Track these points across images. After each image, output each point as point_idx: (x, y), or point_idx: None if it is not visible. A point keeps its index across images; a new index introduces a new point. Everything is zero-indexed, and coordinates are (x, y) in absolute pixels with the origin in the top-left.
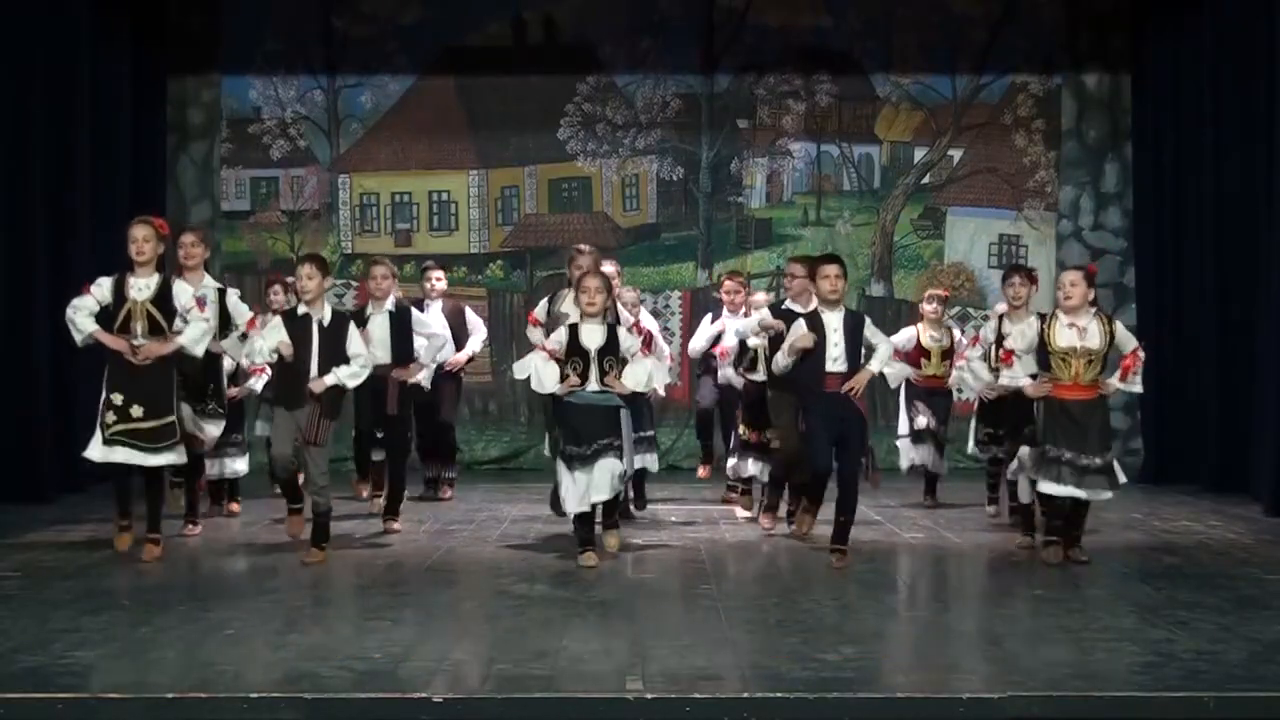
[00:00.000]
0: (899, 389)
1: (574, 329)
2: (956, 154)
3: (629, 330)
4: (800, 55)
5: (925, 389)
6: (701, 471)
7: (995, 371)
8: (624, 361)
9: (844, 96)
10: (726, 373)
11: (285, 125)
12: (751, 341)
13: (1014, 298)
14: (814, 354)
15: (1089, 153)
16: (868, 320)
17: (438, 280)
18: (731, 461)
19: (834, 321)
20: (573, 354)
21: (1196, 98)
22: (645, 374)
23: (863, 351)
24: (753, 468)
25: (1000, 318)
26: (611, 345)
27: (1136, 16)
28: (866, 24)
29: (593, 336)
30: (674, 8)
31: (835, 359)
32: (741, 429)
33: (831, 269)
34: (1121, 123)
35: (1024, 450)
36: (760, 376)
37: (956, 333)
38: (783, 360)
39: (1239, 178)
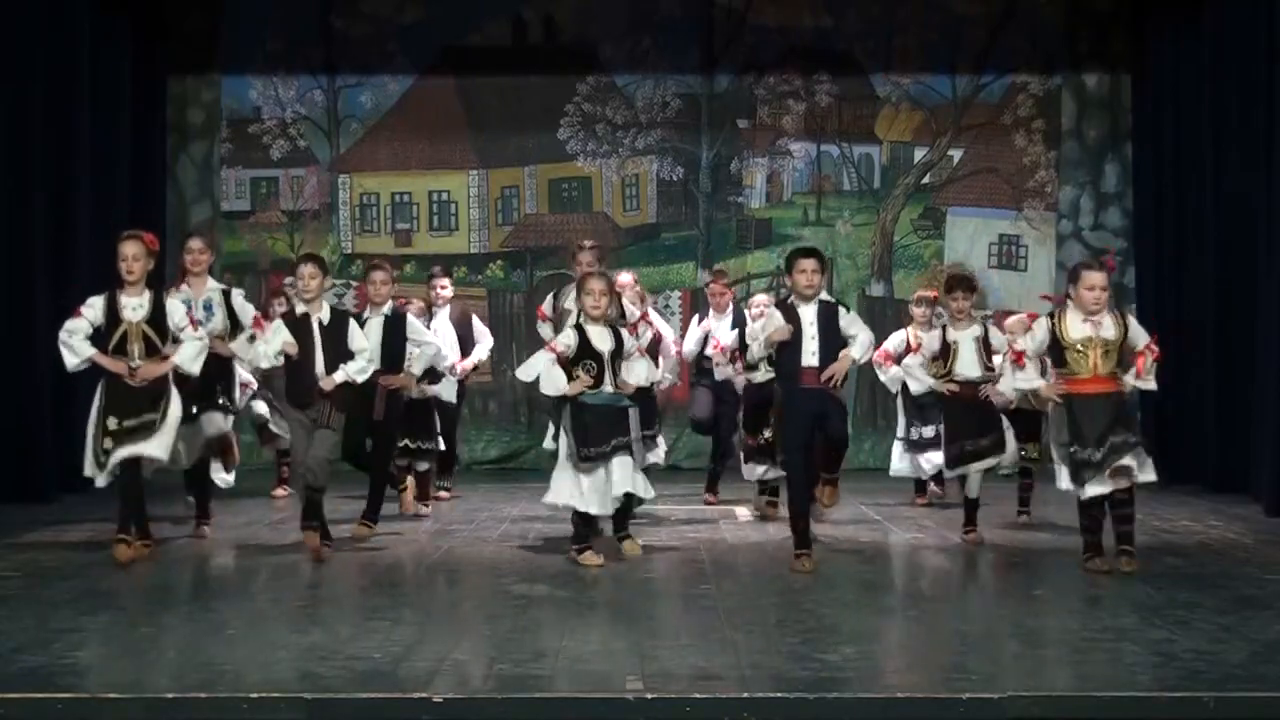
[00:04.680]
0: (898, 394)
1: (583, 331)
2: (956, 154)
3: (630, 329)
4: (800, 55)
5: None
6: (709, 498)
7: (943, 379)
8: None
9: (844, 96)
10: (725, 371)
11: (285, 125)
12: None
13: (958, 311)
14: (790, 347)
15: (1089, 153)
16: (842, 309)
17: (443, 289)
18: (745, 465)
19: (809, 315)
20: (586, 356)
21: (1196, 98)
22: (644, 370)
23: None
24: (759, 471)
25: (944, 327)
26: (621, 348)
27: (1136, 16)
28: (866, 24)
29: (604, 339)
30: (674, 8)
31: (811, 352)
32: (742, 433)
33: (808, 263)
34: (1121, 123)
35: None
36: (760, 377)
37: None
38: (759, 351)
39: (1239, 178)
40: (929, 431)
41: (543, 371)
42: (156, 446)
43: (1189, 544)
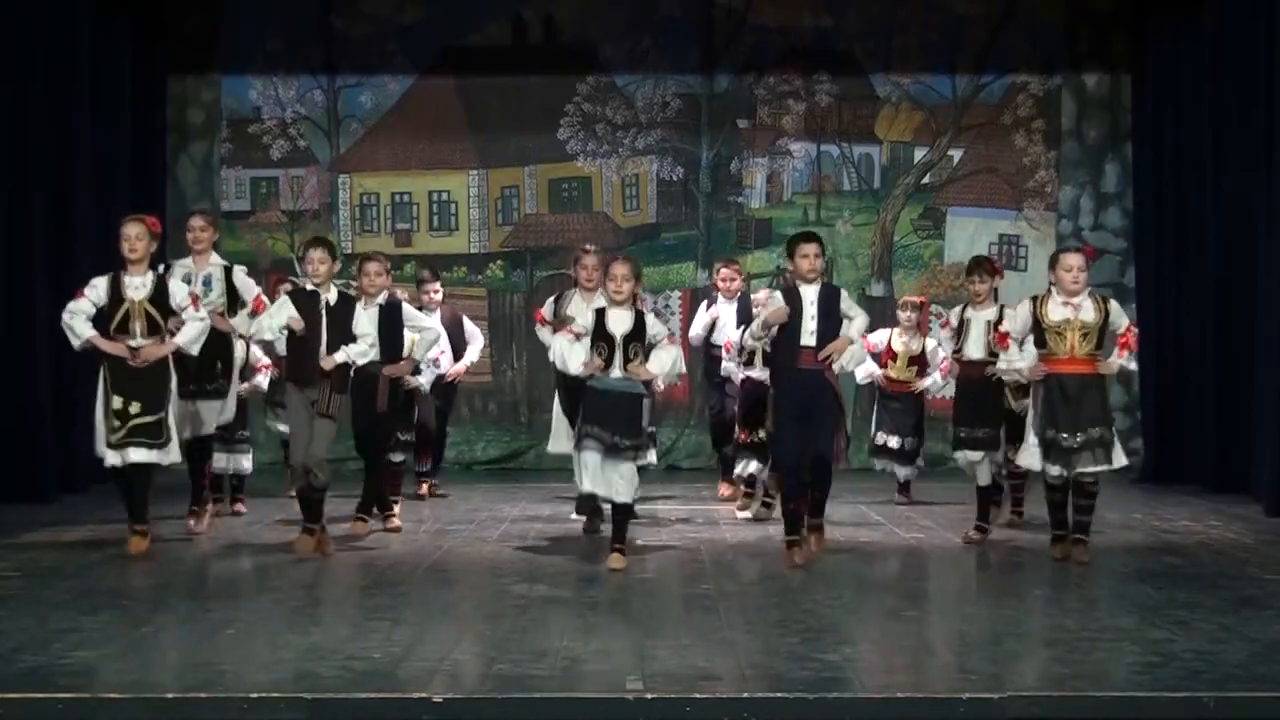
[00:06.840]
0: (871, 390)
1: (601, 314)
2: (956, 154)
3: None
4: (800, 55)
5: (891, 394)
6: (723, 490)
7: (955, 356)
8: (648, 348)
9: (844, 96)
10: (728, 366)
11: (285, 125)
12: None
13: (975, 294)
14: (789, 328)
15: (1089, 153)
16: (843, 292)
17: (434, 293)
18: (738, 462)
19: (810, 295)
20: (598, 339)
21: (1196, 98)
22: (671, 360)
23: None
24: (751, 467)
25: (965, 306)
26: (638, 332)
27: (1136, 16)
28: (866, 24)
29: (620, 322)
30: (674, 8)
31: (810, 332)
32: (736, 429)
33: (810, 248)
34: (1121, 123)
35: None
36: (758, 373)
37: (930, 342)
38: (756, 331)
39: (1239, 178)
40: (894, 442)
41: (560, 349)
42: (169, 454)
43: (1189, 544)
